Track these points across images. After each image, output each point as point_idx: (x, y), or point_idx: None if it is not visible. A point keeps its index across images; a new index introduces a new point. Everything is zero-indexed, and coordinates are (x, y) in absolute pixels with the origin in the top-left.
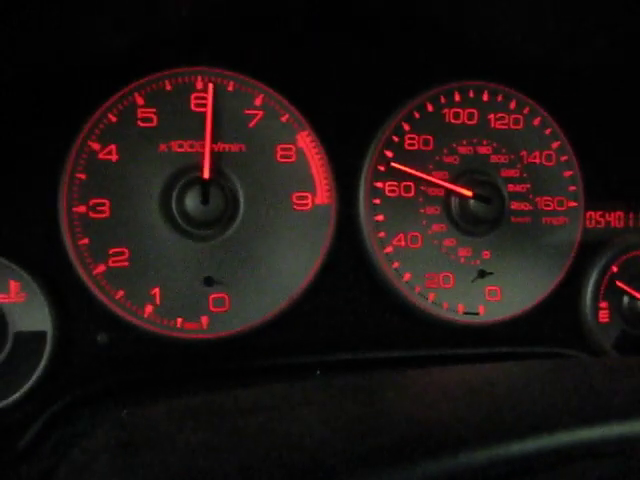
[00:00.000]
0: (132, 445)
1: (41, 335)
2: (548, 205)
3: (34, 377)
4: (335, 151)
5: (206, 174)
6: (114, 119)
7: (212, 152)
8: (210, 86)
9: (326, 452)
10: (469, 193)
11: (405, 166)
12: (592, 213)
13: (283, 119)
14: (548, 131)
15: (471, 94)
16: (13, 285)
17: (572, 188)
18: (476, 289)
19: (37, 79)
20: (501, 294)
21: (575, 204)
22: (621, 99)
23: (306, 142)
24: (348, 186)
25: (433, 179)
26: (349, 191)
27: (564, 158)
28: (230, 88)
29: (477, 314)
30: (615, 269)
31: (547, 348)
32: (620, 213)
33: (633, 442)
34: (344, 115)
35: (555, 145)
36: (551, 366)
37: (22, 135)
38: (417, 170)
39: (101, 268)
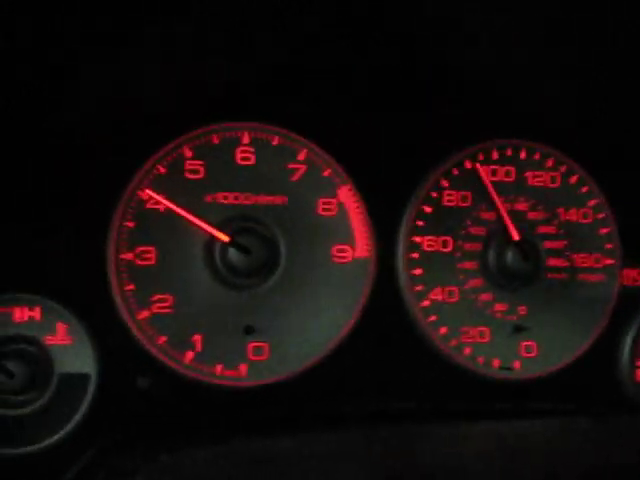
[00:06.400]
0: None
1: (85, 377)
2: (584, 262)
3: (76, 419)
4: (375, 205)
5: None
6: (163, 170)
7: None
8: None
9: None
10: (516, 236)
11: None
12: (629, 270)
13: (325, 173)
14: (585, 189)
15: (509, 152)
16: (61, 327)
17: (609, 245)
18: (512, 344)
19: (93, 129)
20: (537, 350)
21: (612, 261)
22: None
23: (347, 196)
24: (387, 240)
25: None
26: (388, 245)
27: (601, 216)
28: (275, 142)
29: (512, 369)
30: None
31: (583, 406)
32: None
33: None
34: (384, 170)
35: (592, 203)
36: (585, 425)
37: (75, 182)
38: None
39: (145, 314)
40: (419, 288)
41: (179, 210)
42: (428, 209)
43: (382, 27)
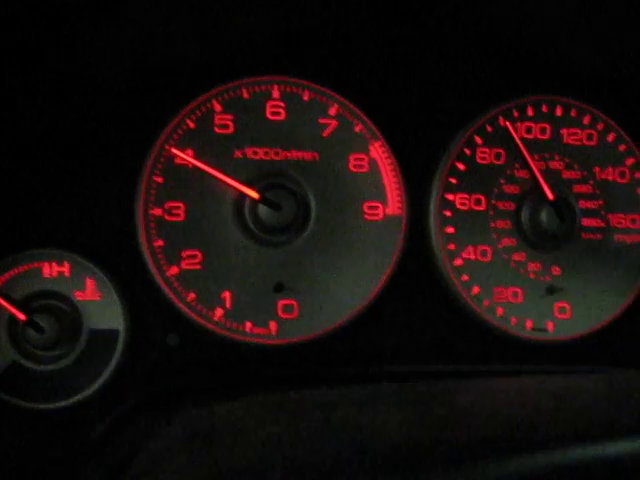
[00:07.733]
0: (209, 436)
1: (113, 333)
2: (620, 223)
3: (106, 374)
4: (407, 162)
5: None
6: (192, 124)
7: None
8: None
9: (403, 447)
10: (551, 196)
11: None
12: None
13: (357, 129)
14: (622, 147)
15: (544, 108)
16: (89, 283)
17: None
18: (545, 305)
19: (122, 83)
20: (571, 311)
21: None
22: None
23: (379, 152)
24: (419, 197)
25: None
26: (420, 202)
27: (638, 175)
28: (305, 97)
29: (545, 331)
30: None
31: (615, 368)
32: None
33: None
34: (417, 127)
35: (629, 162)
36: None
37: (103, 138)
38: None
39: (174, 270)
40: (451, 247)
41: (206, 168)
42: (461, 166)
43: None
